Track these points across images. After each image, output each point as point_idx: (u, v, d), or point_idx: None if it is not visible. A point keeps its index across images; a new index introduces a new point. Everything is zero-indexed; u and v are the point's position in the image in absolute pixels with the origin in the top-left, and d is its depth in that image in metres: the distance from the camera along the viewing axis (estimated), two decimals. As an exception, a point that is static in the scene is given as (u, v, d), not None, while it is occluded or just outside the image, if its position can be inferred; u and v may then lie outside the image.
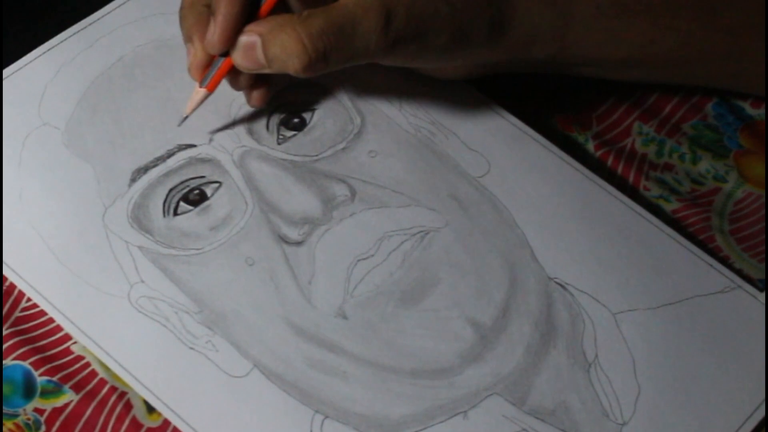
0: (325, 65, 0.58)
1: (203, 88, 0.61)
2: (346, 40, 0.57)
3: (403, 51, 0.59)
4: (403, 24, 0.58)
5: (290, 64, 0.57)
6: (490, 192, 0.63)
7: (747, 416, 0.57)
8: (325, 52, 0.57)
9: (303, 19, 0.57)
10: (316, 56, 0.57)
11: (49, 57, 0.66)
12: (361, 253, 0.60)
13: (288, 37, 0.57)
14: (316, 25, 0.57)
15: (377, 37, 0.57)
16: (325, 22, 0.57)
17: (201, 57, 0.60)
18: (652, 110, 0.70)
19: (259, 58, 0.58)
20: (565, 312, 0.60)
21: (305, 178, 0.62)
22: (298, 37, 0.57)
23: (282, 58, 0.57)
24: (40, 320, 0.58)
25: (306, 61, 0.57)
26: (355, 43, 0.57)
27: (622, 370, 0.58)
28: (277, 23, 0.57)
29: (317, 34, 0.57)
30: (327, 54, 0.57)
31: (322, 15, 0.57)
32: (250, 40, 0.58)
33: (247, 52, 0.58)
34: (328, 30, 0.57)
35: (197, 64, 0.60)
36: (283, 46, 0.57)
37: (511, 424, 0.56)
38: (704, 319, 0.60)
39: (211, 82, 0.61)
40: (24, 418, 0.56)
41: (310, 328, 0.58)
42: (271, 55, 0.57)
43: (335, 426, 0.55)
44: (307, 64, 0.57)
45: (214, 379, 0.56)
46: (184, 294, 0.58)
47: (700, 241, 0.64)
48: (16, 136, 0.63)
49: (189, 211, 0.61)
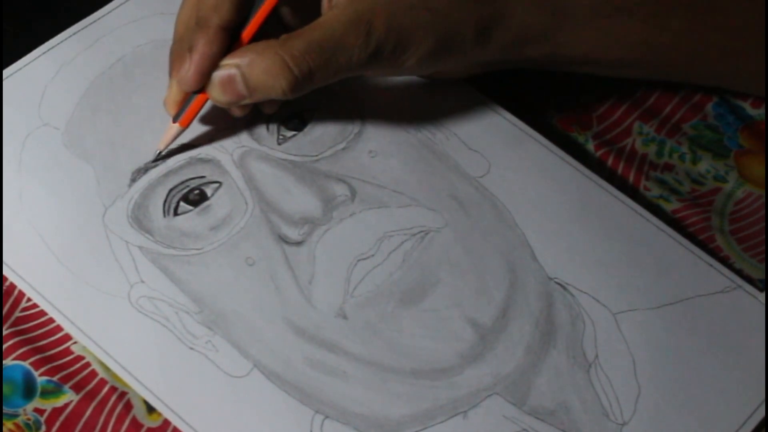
0: (311, 83, 0.58)
1: (176, 123, 0.61)
2: (328, 56, 0.58)
3: (387, 62, 0.59)
4: (383, 36, 0.58)
5: (277, 87, 0.58)
6: (490, 192, 0.63)
7: (747, 416, 0.57)
8: (310, 71, 0.58)
9: (282, 42, 0.57)
10: (302, 76, 0.57)
11: (49, 57, 0.66)
12: (361, 253, 0.60)
13: (271, 62, 0.57)
14: (297, 46, 0.57)
15: (359, 50, 0.58)
16: (306, 43, 0.57)
17: (175, 93, 0.61)
18: (652, 110, 0.70)
19: (239, 89, 0.58)
20: (566, 312, 0.60)
21: (305, 178, 0.62)
22: (282, 60, 0.57)
23: (267, 84, 0.58)
24: (40, 320, 0.58)
25: (293, 82, 0.57)
26: (338, 59, 0.58)
27: (622, 370, 0.58)
28: (255, 52, 0.58)
29: (300, 54, 0.57)
30: (312, 72, 0.58)
31: (301, 36, 0.58)
32: (227, 74, 0.58)
33: (225, 86, 0.59)
34: (310, 49, 0.57)
35: (171, 99, 0.61)
36: (267, 72, 0.57)
37: (511, 424, 0.56)
38: (704, 319, 0.60)
39: (184, 118, 0.61)
40: (24, 418, 0.56)
41: (310, 328, 0.58)
42: (254, 83, 0.58)
43: (335, 426, 0.56)
44: (294, 84, 0.58)
45: (214, 379, 0.56)
46: (184, 294, 0.58)
47: (701, 241, 0.64)
48: (16, 136, 0.63)
49: (189, 211, 0.61)
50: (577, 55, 0.64)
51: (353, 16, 0.58)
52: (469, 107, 0.66)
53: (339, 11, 0.58)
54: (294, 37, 0.58)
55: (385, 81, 0.66)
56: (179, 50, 0.60)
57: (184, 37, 0.60)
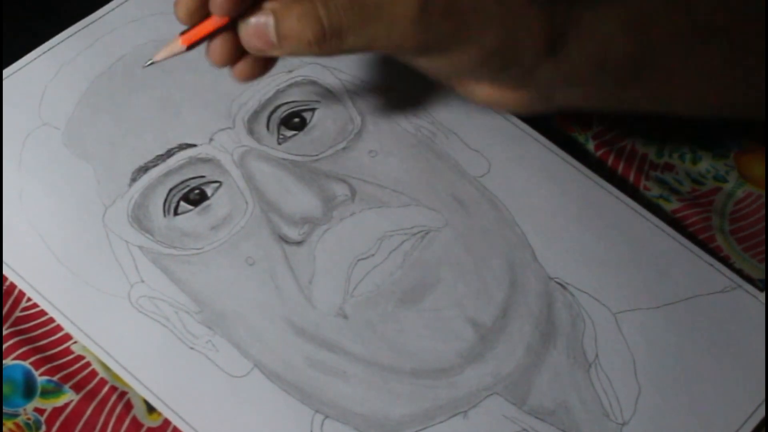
0: (339, 44, 0.51)
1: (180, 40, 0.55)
2: (367, 21, 0.51)
3: (434, 51, 0.53)
4: (438, 17, 0.51)
5: (303, 38, 0.51)
6: (490, 192, 0.63)
7: (747, 416, 0.57)
8: (341, 30, 0.51)
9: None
10: (331, 32, 0.51)
11: (49, 57, 0.66)
12: (361, 252, 0.60)
13: (303, 10, 0.51)
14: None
15: (404, 25, 0.51)
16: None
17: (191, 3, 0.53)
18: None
19: (270, 36, 0.52)
20: (566, 312, 0.60)
21: (305, 178, 0.62)
22: (314, 9, 0.51)
23: (295, 32, 0.51)
24: (40, 320, 0.58)
25: (320, 34, 0.51)
26: (377, 27, 0.51)
27: (622, 370, 0.58)
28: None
29: (335, 7, 0.51)
30: (343, 32, 0.51)
31: None
32: (261, 20, 0.52)
33: (259, 31, 0.52)
34: (349, 5, 0.51)
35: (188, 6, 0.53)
36: (298, 18, 0.51)
37: (511, 424, 0.56)
38: (704, 318, 0.60)
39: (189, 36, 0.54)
40: (24, 417, 0.56)
41: (311, 328, 0.58)
42: (284, 30, 0.52)
43: (335, 426, 0.56)
44: (320, 37, 0.51)
45: (214, 379, 0.56)
46: (184, 294, 0.58)
47: (701, 240, 0.64)
48: (16, 136, 0.63)
49: (189, 211, 0.61)
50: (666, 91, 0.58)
51: None
52: (470, 107, 0.66)
53: None
54: None
55: (386, 80, 0.66)
56: None
57: None
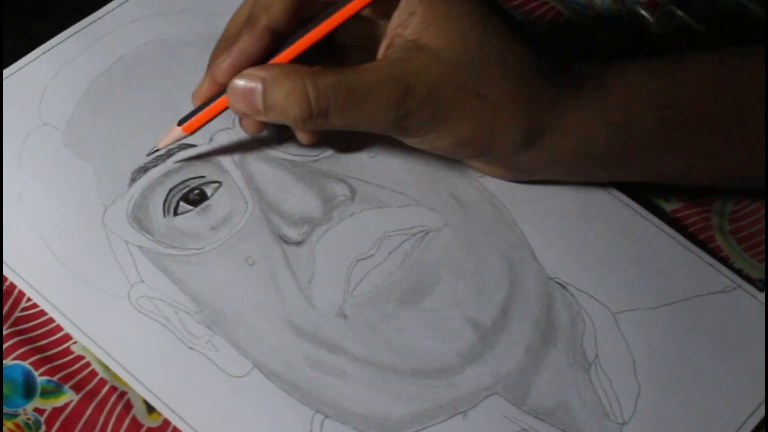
0: (324, 122, 0.56)
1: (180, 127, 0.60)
2: (352, 104, 0.55)
3: (414, 133, 0.57)
4: (417, 106, 0.55)
5: (290, 113, 0.55)
6: (490, 192, 0.63)
7: (747, 416, 0.57)
8: (328, 110, 0.55)
9: (314, 71, 0.55)
10: (318, 111, 0.55)
11: (49, 57, 0.66)
12: (361, 253, 0.60)
13: (293, 86, 0.55)
14: (325, 80, 0.55)
15: (385, 109, 0.55)
16: (335, 81, 0.55)
17: (206, 88, 0.59)
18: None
19: (257, 103, 0.56)
20: (565, 312, 0.60)
21: (305, 178, 0.62)
22: (304, 88, 0.55)
23: (283, 106, 0.55)
24: (40, 320, 0.58)
25: (306, 113, 0.55)
26: (361, 110, 0.55)
27: (622, 369, 0.58)
28: (282, 71, 0.56)
29: (324, 89, 0.55)
30: (329, 111, 0.55)
31: (334, 73, 0.55)
32: (251, 85, 0.56)
33: (245, 95, 0.56)
34: (336, 88, 0.55)
35: (201, 93, 0.59)
36: (286, 94, 0.55)
37: (511, 424, 0.56)
38: (704, 319, 0.60)
39: (190, 124, 0.60)
40: (24, 417, 0.56)
41: (310, 328, 0.58)
42: (271, 101, 0.56)
43: (335, 426, 0.56)
44: (307, 116, 0.55)
45: (214, 379, 0.56)
46: (184, 294, 0.58)
47: (700, 240, 0.64)
48: (16, 136, 0.63)
49: (189, 211, 0.61)
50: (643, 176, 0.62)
51: (396, 73, 0.55)
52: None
53: (384, 63, 0.56)
54: (327, 72, 0.55)
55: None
56: (222, 45, 0.59)
57: (231, 35, 0.59)
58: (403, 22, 0.56)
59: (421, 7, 0.55)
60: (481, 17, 0.56)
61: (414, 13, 0.56)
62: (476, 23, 0.56)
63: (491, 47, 0.56)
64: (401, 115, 0.56)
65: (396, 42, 0.56)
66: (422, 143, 0.58)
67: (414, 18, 0.56)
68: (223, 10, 0.62)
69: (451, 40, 0.55)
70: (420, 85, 0.55)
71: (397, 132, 0.57)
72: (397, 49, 0.56)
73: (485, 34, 0.56)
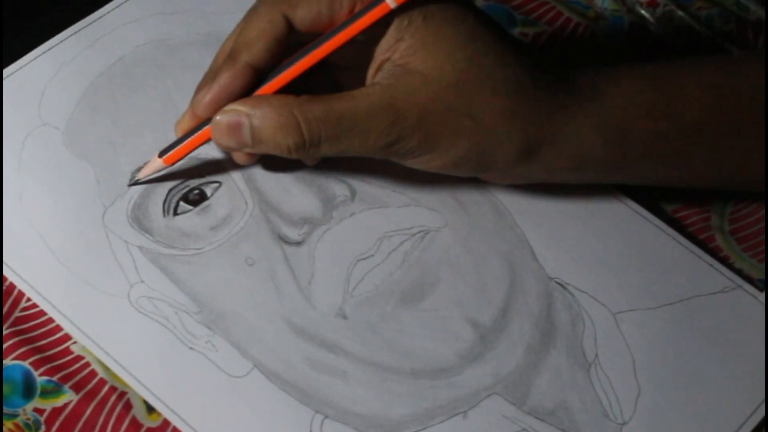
0: (317, 151, 0.56)
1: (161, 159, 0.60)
2: (343, 131, 0.55)
3: (408, 156, 0.57)
4: (408, 131, 0.55)
5: (283, 146, 0.56)
6: (490, 192, 0.63)
7: (747, 416, 0.57)
8: (320, 139, 0.55)
9: (301, 102, 0.55)
10: (311, 142, 0.55)
11: (49, 57, 0.66)
12: (360, 253, 0.60)
13: (284, 120, 0.55)
14: (315, 110, 0.55)
15: (376, 136, 0.55)
16: (325, 110, 0.55)
17: (188, 119, 0.59)
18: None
19: (245, 137, 0.56)
20: (565, 312, 0.60)
21: (305, 178, 0.62)
22: (295, 121, 0.55)
23: (274, 139, 0.55)
24: (40, 320, 0.58)
25: (299, 144, 0.55)
26: (352, 137, 0.55)
27: (622, 370, 0.58)
28: (270, 105, 0.55)
29: (315, 120, 0.55)
30: (321, 141, 0.55)
31: (323, 102, 0.55)
32: (236, 120, 0.56)
33: (231, 130, 0.56)
34: (326, 118, 0.55)
35: (182, 125, 0.59)
36: (277, 128, 0.55)
37: (511, 424, 0.56)
38: (704, 319, 0.60)
39: (171, 156, 0.59)
40: (24, 418, 0.56)
41: (310, 328, 0.58)
42: (261, 136, 0.56)
43: (335, 426, 0.56)
44: (300, 147, 0.55)
45: (214, 379, 0.56)
46: (184, 294, 0.58)
47: (700, 241, 0.64)
48: (16, 136, 0.63)
49: (189, 211, 0.61)
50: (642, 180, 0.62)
51: (385, 99, 0.55)
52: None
53: (373, 90, 0.55)
54: (315, 101, 0.55)
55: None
56: (207, 78, 0.58)
57: (217, 67, 0.58)
58: (391, 47, 0.56)
59: (408, 33, 0.55)
60: (468, 36, 0.56)
61: (401, 39, 0.55)
62: (464, 43, 0.55)
63: (481, 66, 0.56)
64: (393, 141, 0.55)
65: (385, 66, 0.56)
66: (417, 164, 0.58)
67: (402, 44, 0.55)
68: (223, 10, 0.62)
69: (439, 63, 0.55)
70: (410, 110, 0.55)
71: (390, 156, 0.57)
72: (386, 74, 0.56)
73: (474, 53, 0.55)
